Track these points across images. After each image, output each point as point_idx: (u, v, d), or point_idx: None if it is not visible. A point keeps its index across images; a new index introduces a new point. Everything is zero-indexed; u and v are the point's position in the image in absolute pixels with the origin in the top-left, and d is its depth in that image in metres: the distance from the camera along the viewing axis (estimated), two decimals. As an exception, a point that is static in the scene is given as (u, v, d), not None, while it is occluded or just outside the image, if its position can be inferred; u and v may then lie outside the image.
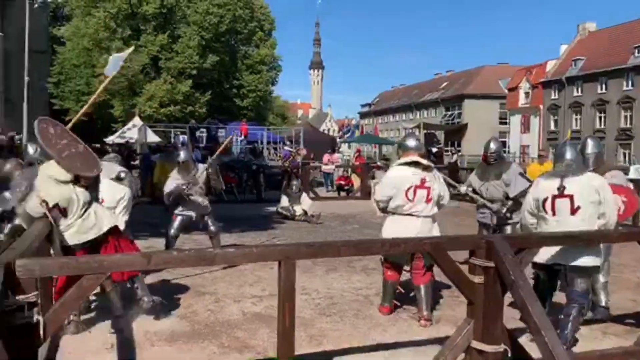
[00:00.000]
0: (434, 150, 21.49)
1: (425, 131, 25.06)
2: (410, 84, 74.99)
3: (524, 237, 4.16)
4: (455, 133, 51.71)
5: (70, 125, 5.21)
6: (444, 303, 5.73)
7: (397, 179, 5.02)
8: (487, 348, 3.56)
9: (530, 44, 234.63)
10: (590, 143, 5.21)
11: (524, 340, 3.93)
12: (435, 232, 5.03)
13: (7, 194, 4.71)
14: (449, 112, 59.38)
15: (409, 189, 4.92)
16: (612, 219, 4.28)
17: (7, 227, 4.83)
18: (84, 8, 30.49)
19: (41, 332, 2.70)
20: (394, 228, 5.02)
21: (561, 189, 4.30)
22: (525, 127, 50.13)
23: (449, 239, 3.93)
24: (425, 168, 5.02)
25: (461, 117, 56.47)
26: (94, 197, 4.29)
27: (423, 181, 4.94)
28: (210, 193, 7.39)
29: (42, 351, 3.22)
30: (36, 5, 27.04)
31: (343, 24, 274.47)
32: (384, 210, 5.17)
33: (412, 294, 5.31)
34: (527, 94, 50.42)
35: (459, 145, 48.86)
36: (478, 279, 3.59)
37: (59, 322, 2.83)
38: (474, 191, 6.72)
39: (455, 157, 23.73)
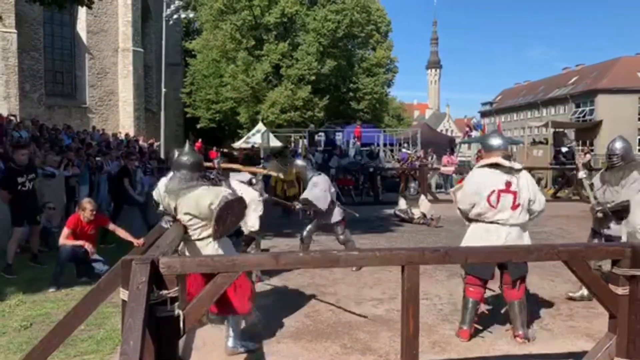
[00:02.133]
0: (564, 150, 20.01)
1: (553, 129, 23.36)
2: (536, 80, 70.71)
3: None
4: (588, 131, 47.70)
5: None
6: (578, 314, 5.32)
7: (479, 183, 4.49)
8: (634, 366, 3.24)
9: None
10: None
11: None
12: (525, 243, 4.45)
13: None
14: (580, 109, 54.97)
15: (491, 193, 4.37)
16: None
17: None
18: (212, 22, 32.57)
19: (181, 325, 2.93)
20: (475, 238, 4.51)
21: None
22: (672, 123, 44.95)
23: (588, 246, 3.62)
24: (511, 170, 4.45)
25: (593, 113, 52.00)
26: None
27: (508, 185, 4.38)
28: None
29: (181, 342, 3.49)
30: (171, 22, 29.52)
31: (461, 20, 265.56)
32: (468, 218, 4.67)
33: (541, 301, 4.95)
34: (673, 85, 45.21)
35: (591, 144, 45.05)
36: (622, 290, 3.28)
37: (197, 316, 3.04)
38: (591, 185, 6.01)
39: (587, 156, 21.93)
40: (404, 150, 22.99)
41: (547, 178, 19.33)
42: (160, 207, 4.35)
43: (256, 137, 23.33)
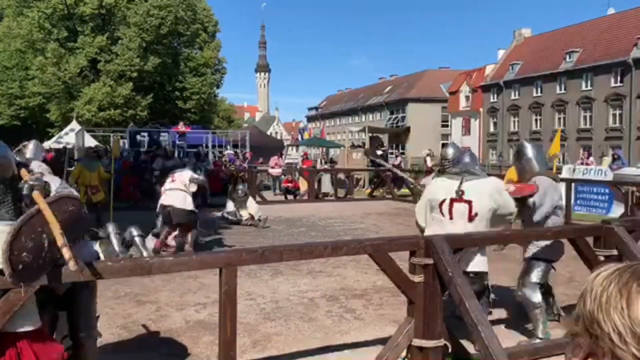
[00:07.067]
0: (379, 152, 21.75)
1: (370, 134, 25.31)
2: (357, 87, 76.06)
3: (462, 237, 4.21)
4: (399, 136, 52.70)
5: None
6: (387, 303, 5.81)
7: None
8: (428, 344, 3.65)
9: (469, 48, 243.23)
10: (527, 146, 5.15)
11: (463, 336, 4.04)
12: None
13: None
14: (394, 116, 60.42)
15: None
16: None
17: None
18: (15, 8, 29.10)
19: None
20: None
21: (460, 192, 4.25)
22: (466, 130, 51.63)
23: (390, 240, 3.98)
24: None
25: (405, 120, 57.58)
26: None
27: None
28: None
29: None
30: (-37, 4, 25.66)
31: (289, 27, 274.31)
32: None
33: (355, 293, 5.30)
34: (467, 97, 51.98)
35: (402, 147, 49.86)
36: (418, 278, 3.66)
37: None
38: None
39: (399, 159, 24.19)
40: (227, 151, 22.97)
41: (365, 178, 20.85)
42: None
43: (69, 136, 21.28)
